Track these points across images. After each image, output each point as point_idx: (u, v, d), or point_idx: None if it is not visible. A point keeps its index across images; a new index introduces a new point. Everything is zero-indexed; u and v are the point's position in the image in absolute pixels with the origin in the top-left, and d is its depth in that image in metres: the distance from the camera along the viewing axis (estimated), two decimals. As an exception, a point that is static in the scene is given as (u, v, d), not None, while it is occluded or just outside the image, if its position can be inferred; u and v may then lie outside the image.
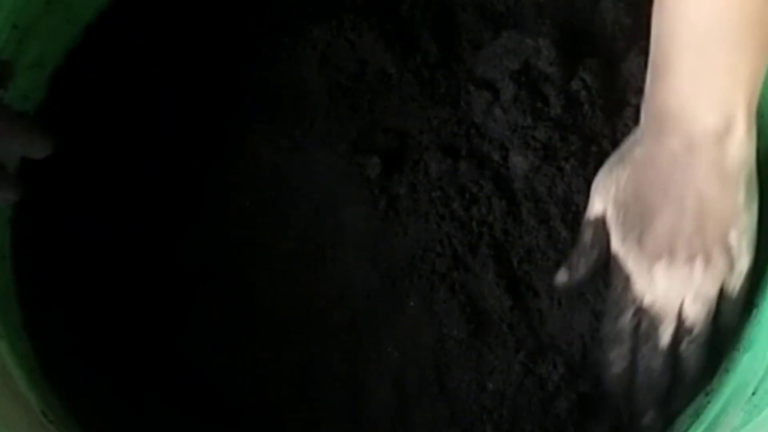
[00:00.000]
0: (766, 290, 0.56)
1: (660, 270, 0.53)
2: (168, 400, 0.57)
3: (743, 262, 0.53)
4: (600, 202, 0.55)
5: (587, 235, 0.56)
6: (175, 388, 0.58)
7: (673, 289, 0.53)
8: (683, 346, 0.54)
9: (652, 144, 0.53)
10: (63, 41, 0.63)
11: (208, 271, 0.59)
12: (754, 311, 0.56)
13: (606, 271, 0.57)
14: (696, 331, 0.54)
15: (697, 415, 0.56)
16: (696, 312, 0.53)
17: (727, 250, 0.52)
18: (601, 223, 0.55)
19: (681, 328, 0.54)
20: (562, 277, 0.57)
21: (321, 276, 0.59)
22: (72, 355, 0.58)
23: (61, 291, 0.59)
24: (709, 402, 0.56)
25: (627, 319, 0.55)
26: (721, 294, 0.54)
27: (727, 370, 0.56)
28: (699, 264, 0.52)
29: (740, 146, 0.50)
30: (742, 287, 0.54)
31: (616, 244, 0.55)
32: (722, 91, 0.50)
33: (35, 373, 0.58)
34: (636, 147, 0.54)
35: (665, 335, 0.54)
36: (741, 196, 0.52)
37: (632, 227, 0.54)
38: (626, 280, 0.54)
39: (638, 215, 0.53)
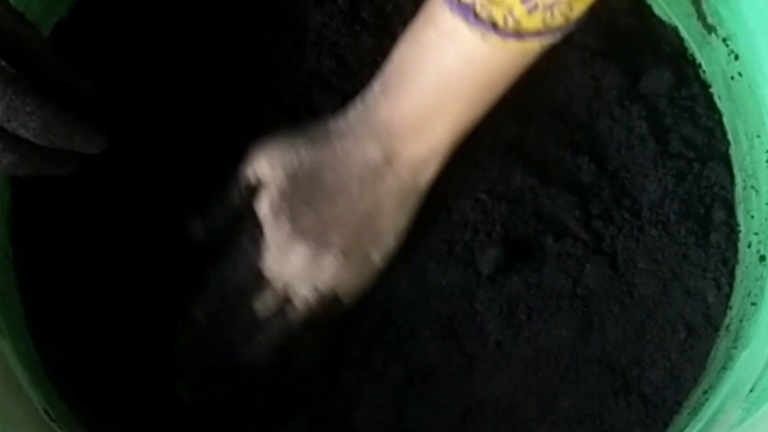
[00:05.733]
0: (765, 288, 0.56)
1: (300, 251, 0.55)
2: (170, 399, 0.58)
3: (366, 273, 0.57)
4: (267, 166, 0.56)
5: (237, 189, 0.57)
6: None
7: (302, 272, 0.55)
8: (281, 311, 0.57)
9: (354, 142, 0.55)
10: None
11: (212, 267, 0.59)
12: (752, 309, 0.57)
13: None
14: (299, 309, 0.56)
15: (695, 412, 0.56)
16: (307, 297, 0.56)
17: (367, 262, 0.56)
18: (257, 181, 0.56)
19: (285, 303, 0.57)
20: (196, 226, 0.58)
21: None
22: (74, 353, 0.58)
23: (64, 290, 0.59)
24: (707, 399, 0.56)
25: (243, 271, 0.57)
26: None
27: (724, 368, 0.57)
28: (339, 259, 0.55)
29: (429, 177, 0.56)
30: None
31: (269, 209, 0.56)
32: (438, 129, 0.54)
33: (38, 371, 0.58)
34: (334, 138, 0.56)
35: (267, 301, 0.57)
36: (403, 222, 0.57)
37: (293, 202, 0.55)
38: (256, 242, 0.56)
39: (306, 194, 0.55)
